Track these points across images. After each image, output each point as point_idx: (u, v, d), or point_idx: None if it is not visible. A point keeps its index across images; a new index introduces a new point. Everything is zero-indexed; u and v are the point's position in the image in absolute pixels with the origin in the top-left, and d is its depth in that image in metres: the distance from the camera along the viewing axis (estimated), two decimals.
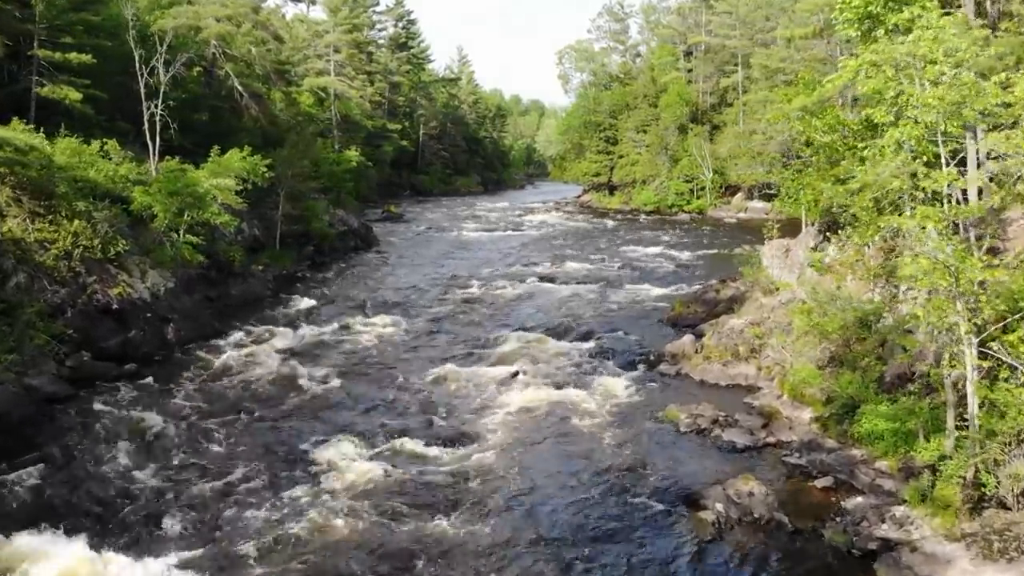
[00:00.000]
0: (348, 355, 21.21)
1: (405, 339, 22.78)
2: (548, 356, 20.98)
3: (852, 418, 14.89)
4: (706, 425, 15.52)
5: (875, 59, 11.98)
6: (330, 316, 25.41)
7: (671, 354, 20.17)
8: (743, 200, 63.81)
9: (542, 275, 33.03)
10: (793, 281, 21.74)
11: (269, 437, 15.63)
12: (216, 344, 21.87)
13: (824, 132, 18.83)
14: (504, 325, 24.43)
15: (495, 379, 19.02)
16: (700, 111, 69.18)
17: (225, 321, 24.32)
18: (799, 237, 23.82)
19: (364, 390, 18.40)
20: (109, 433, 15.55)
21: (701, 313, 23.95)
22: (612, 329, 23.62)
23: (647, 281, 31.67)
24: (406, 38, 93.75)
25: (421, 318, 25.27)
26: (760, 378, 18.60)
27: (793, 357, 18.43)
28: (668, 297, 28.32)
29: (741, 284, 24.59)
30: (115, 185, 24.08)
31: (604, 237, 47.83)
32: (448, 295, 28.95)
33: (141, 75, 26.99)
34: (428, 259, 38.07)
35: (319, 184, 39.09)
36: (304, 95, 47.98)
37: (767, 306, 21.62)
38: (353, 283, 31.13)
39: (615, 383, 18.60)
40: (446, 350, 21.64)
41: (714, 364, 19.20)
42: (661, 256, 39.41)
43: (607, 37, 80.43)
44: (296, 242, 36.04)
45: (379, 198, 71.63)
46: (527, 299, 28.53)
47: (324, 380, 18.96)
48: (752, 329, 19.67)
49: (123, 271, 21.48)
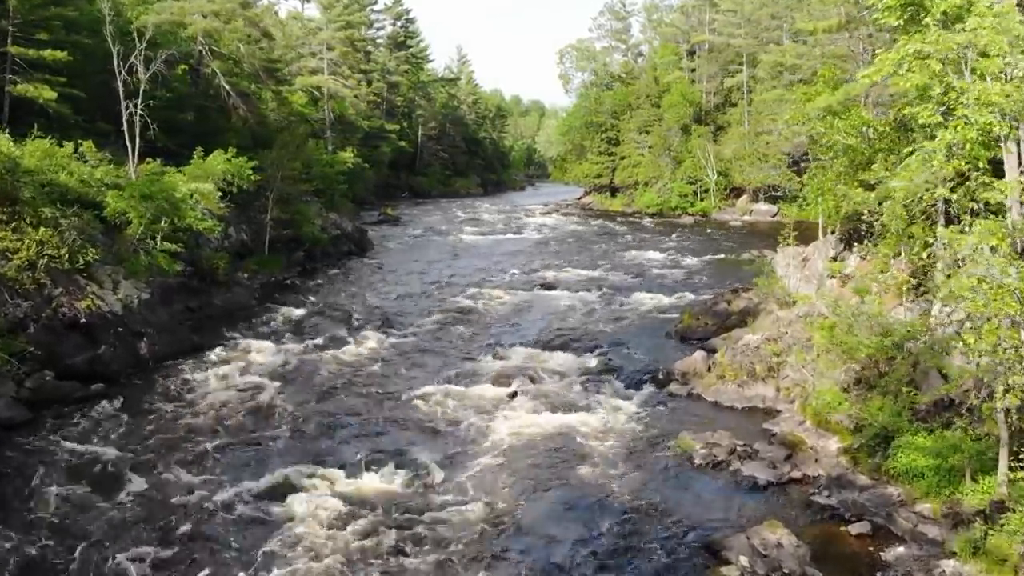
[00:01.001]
0: (333, 373, 19.75)
1: (395, 354, 21.32)
2: (548, 373, 19.52)
3: (886, 451, 13.45)
4: (723, 457, 14.06)
5: (923, 50, 10.52)
6: (317, 328, 23.96)
7: (682, 372, 18.72)
8: (748, 202, 62.37)
9: (542, 282, 31.58)
10: (812, 293, 20.30)
11: (240, 470, 14.16)
12: (193, 360, 20.41)
13: (847, 134, 17.37)
14: (502, 338, 22.98)
15: (491, 400, 17.57)
16: (704, 111, 67.74)
17: (205, 334, 22.88)
18: (816, 245, 22.38)
19: (348, 413, 16.94)
20: (66, 464, 14.12)
21: (712, 326, 22.50)
22: (617, 343, 22.16)
23: (652, 289, 30.22)
24: (404, 37, 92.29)
25: (414, 330, 23.81)
26: (779, 400, 17.15)
27: (815, 378, 16.98)
28: (675, 307, 26.87)
29: (754, 295, 23.14)
30: (89, 189, 22.65)
31: (606, 241, 46.39)
32: (443, 304, 27.49)
33: (119, 73, 25.53)
34: (424, 265, 36.62)
35: (311, 187, 37.64)
36: (297, 95, 46.52)
37: (784, 320, 20.16)
38: (344, 291, 29.67)
39: (622, 406, 17.15)
40: (439, 367, 20.18)
41: (728, 384, 17.75)
42: (666, 261, 37.98)
43: (609, 36, 78.95)
44: (286, 247, 34.61)
45: (376, 200, 70.18)
46: (526, 309, 27.08)
47: (305, 402, 17.50)
48: (769, 346, 18.21)
49: (93, 282, 20.01)
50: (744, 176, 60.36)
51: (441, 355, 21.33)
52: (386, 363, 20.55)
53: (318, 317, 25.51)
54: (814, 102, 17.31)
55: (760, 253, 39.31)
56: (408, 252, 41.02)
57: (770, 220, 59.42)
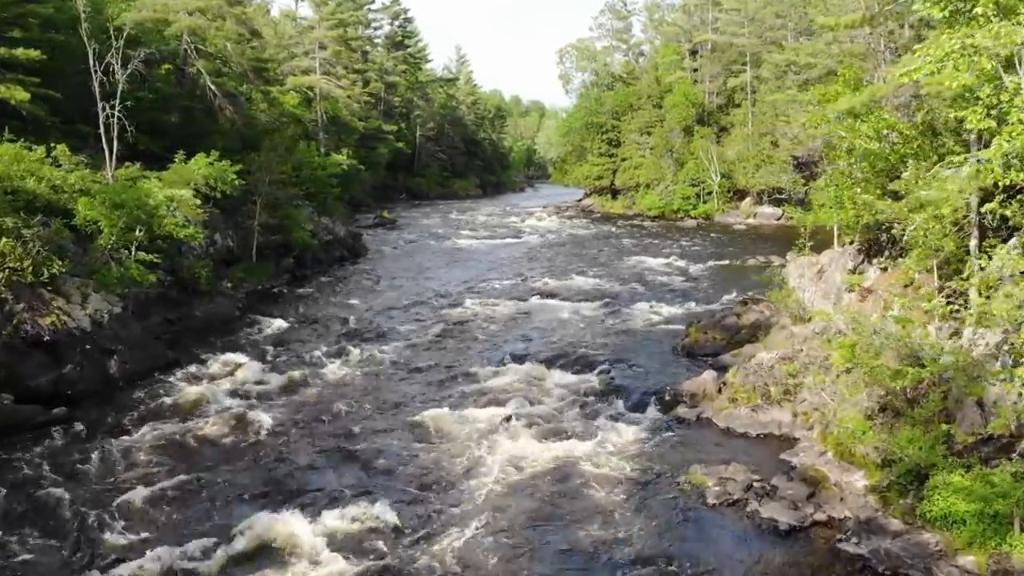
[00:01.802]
0: (316, 393, 18.43)
1: (383, 371, 20.00)
2: (546, 393, 18.21)
3: (919, 490, 12.12)
4: (739, 495, 12.75)
5: (974, 44, 9.22)
6: (301, 342, 22.66)
7: (690, 394, 17.39)
8: (752, 205, 61.11)
9: (541, 291, 30.27)
10: (829, 308, 18.97)
11: (207, 506, 12.87)
12: (167, 378, 19.11)
13: (869, 138, 16.05)
14: (497, 353, 21.65)
15: (484, 425, 16.25)
16: (706, 112, 66.53)
17: (183, 348, 21.60)
18: (832, 256, 21.03)
19: (329, 440, 15.62)
20: (13, 501, 12.81)
21: (720, 341, 21.18)
22: (619, 359, 20.84)
23: (656, 298, 28.91)
24: (402, 37, 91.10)
25: (404, 344, 22.50)
26: (797, 427, 15.82)
27: (835, 402, 15.67)
28: (680, 318, 25.56)
29: (765, 307, 21.83)
30: (60, 196, 21.37)
31: (607, 245, 45.09)
32: (437, 315, 26.18)
33: (95, 72, 24.23)
34: (418, 272, 35.32)
35: (302, 190, 36.35)
36: (289, 95, 45.21)
37: (798, 336, 18.84)
38: (333, 301, 28.36)
39: (626, 432, 15.82)
40: (430, 386, 18.87)
41: (741, 408, 16.42)
42: (669, 268, 36.68)
43: (609, 35, 77.86)
44: (275, 254, 33.36)
45: (374, 202, 68.99)
46: (524, 320, 25.76)
47: (283, 427, 16.19)
48: (784, 366, 16.88)
49: (60, 296, 18.70)
50: (748, 179, 59.09)
51: (433, 372, 20.01)
52: (373, 382, 19.23)
53: (304, 329, 24.20)
54: (835, 104, 16.01)
55: (766, 260, 38.07)
56: (402, 258, 39.73)
57: (775, 223, 58.19)
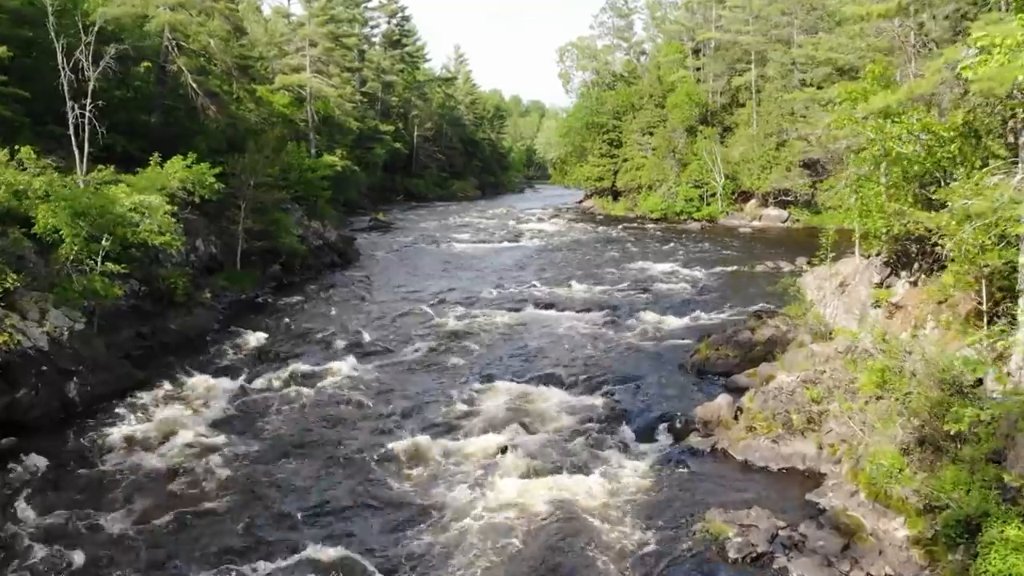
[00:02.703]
0: (293, 418, 16.89)
1: (369, 392, 18.44)
2: (545, 419, 16.66)
3: (971, 544, 10.57)
4: (764, 547, 11.21)
5: None
6: (282, 358, 21.12)
7: (703, 421, 15.85)
8: (757, 207, 59.54)
9: (540, 300, 28.72)
10: (854, 325, 17.43)
11: (170, 549, 11.36)
12: (134, 401, 17.57)
13: (901, 140, 14.51)
14: (492, 371, 20.11)
15: (477, 457, 14.72)
16: (710, 112, 64.89)
17: (155, 366, 20.07)
18: (855, 266, 19.47)
19: (303, 476, 14.08)
20: None
21: (733, 358, 19.63)
22: (624, 378, 19.30)
23: (661, 308, 27.37)
24: (400, 35, 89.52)
25: (392, 361, 20.95)
26: (823, 460, 14.28)
27: (866, 433, 14.15)
28: (688, 331, 24.02)
29: (781, 322, 20.30)
30: (21, 202, 19.84)
31: (609, 250, 43.53)
32: (428, 327, 24.64)
33: (63, 70, 22.67)
34: (411, 278, 33.78)
35: (290, 193, 34.81)
36: (279, 95, 43.65)
37: (820, 356, 17.29)
38: (320, 311, 26.79)
39: (633, 466, 14.28)
40: (417, 410, 17.30)
41: (760, 439, 14.88)
42: (674, 274, 35.11)
43: (610, 34, 76.31)
44: (261, 260, 31.82)
45: (370, 204, 67.47)
46: (522, 333, 24.21)
47: (254, 458, 14.66)
48: (808, 391, 15.34)
49: (14, 312, 17.14)
50: (753, 180, 57.53)
51: (422, 394, 18.46)
52: (357, 405, 17.67)
53: (285, 343, 22.65)
54: (867, 103, 14.47)
55: (776, 266, 36.58)
56: (396, 263, 38.18)
57: (780, 226, 56.69)
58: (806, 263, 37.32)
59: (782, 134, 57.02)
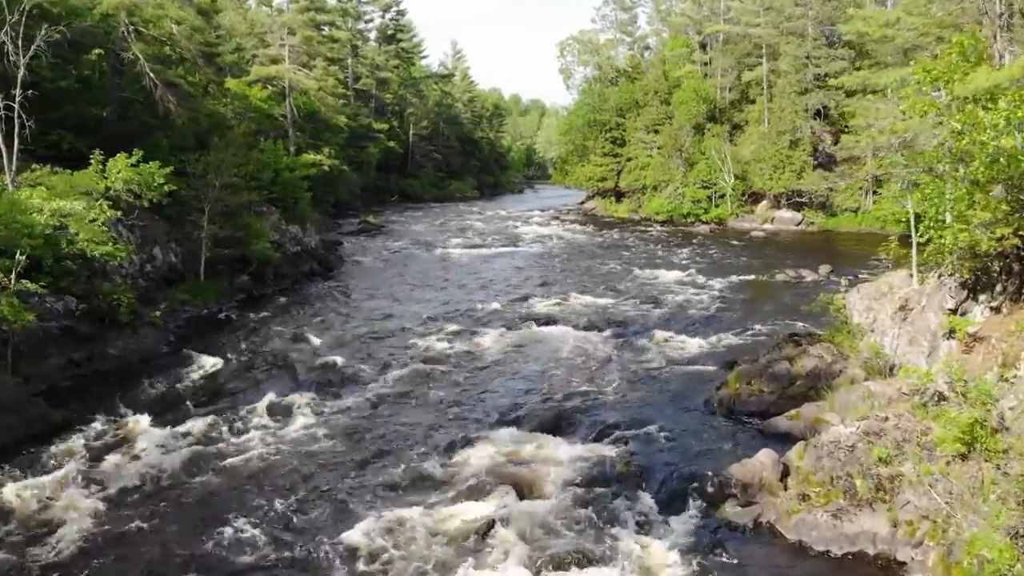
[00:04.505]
0: (237, 477, 13.69)
1: (330, 442, 15.22)
2: (543, 479, 13.45)
3: None
4: None
5: None
6: (235, 391, 17.96)
7: (742, 483, 12.66)
8: (768, 209, 56.43)
9: (538, 316, 25.50)
10: (921, 361, 14.23)
11: None
12: (43, 452, 14.39)
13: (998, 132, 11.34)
14: (480, 411, 16.92)
15: (456, 536, 11.54)
16: (718, 108, 61.77)
17: (83, 401, 16.93)
18: (906, 281, 16.24)
19: (238, 561, 10.90)
20: None
21: (769, 394, 16.43)
22: (639, 419, 16.10)
23: (676, 326, 24.20)
24: (395, 30, 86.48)
25: (362, 397, 17.74)
26: (899, 543, 11.08)
27: (954, 508, 10.99)
28: (710, 355, 20.85)
29: (824, 351, 17.07)
30: None
31: (613, 256, 40.35)
32: (409, 351, 21.46)
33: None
34: (397, 289, 30.60)
35: (264, 195, 31.67)
36: (256, 88, 40.45)
37: (879, 397, 14.14)
38: (288, 330, 23.58)
39: (658, 551, 11.09)
40: (386, 466, 14.10)
41: (817, 512, 11.67)
42: (686, 284, 31.96)
43: (613, 27, 73.16)
44: (229, 270, 28.70)
45: (363, 205, 64.48)
46: (516, 359, 21.02)
47: (177, 539, 11.46)
48: (874, 449, 12.15)
49: None
50: (765, 180, 54.41)
51: (393, 441, 15.26)
52: (313, 458, 14.47)
53: (242, 372, 19.45)
54: (964, 83, 11.32)
55: (797, 274, 33.51)
56: (382, 272, 34.99)
57: (794, 229, 53.63)
58: (828, 271, 34.45)
59: (796, 131, 53.92)
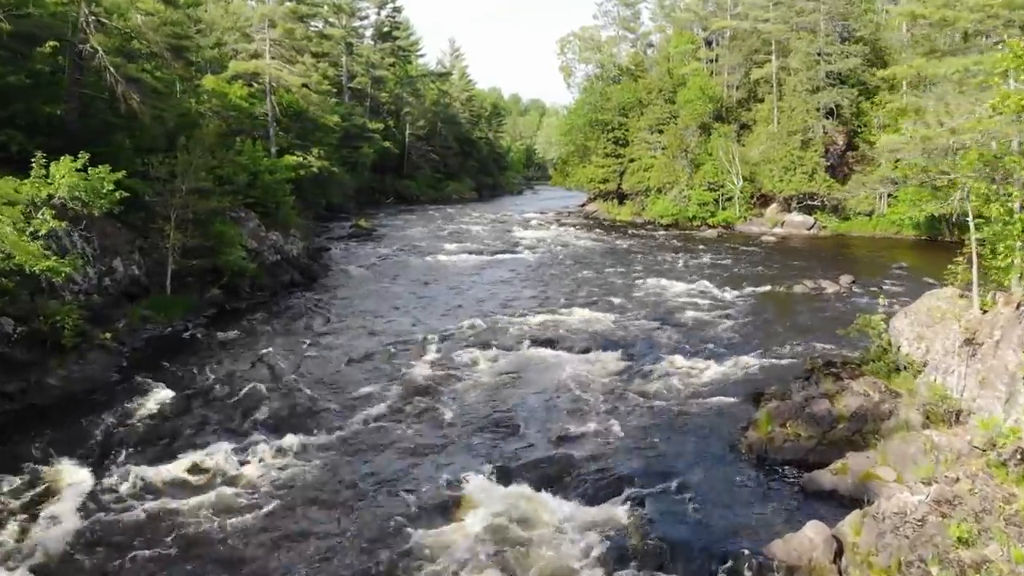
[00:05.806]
0: (174, 544, 11.27)
1: (289, 499, 12.81)
2: (541, 558, 11.03)
3: None
4: None
5: None
6: (187, 430, 15.53)
7: (787, 566, 10.26)
8: (778, 212, 54.05)
9: (535, 335, 23.04)
10: (997, 407, 11.79)
11: None
12: None
13: None
14: (467, 461, 14.46)
15: None
16: (725, 108, 59.37)
17: (11, 443, 14.55)
18: (974, 311, 13.80)
19: None
20: None
21: (807, 439, 14.02)
22: (655, 471, 13.69)
23: (690, 347, 21.79)
24: (391, 28, 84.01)
25: (333, 439, 15.30)
26: None
27: None
28: (732, 384, 18.42)
29: (869, 387, 14.65)
30: None
31: (617, 263, 37.93)
32: (390, 379, 19.03)
33: None
34: (383, 302, 28.18)
35: (239, 200, 29.26)
36: (236, 86, 38.00)
37: (946, 451, 11.74)
38: (258, 351, 21.15)
39: None
40: (354, 537, 11.67)
41: None
42: (697, 295, 29.55)
43: (616, 24, 70.66)
44: (199, 282, 26.28)
45: (357, 208, 62.10)
46: (510, 390, 18.56)
47: None
48: (951, 527, 9.76)
49: None
50: (775, 182, 52.03)
51: (363, 500, 12.84)
52: (267, 522, 12.04)
53: (199, 406, 17.01)
54: None
55: (816, 285, 31.12)
56: (368, 282, 32.54)
57: (806, 233, 51.30)
58: (850, 282, 32.04)
59: (808, 131, 51.53)
